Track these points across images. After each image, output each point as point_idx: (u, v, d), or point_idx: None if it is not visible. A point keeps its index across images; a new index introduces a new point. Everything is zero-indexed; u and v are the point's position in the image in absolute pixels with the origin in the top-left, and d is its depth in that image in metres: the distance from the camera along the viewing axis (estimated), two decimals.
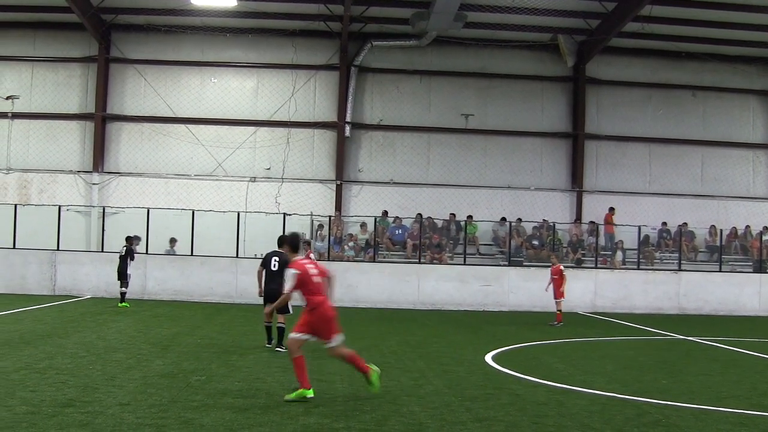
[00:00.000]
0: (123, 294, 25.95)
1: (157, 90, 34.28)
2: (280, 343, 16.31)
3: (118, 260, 26.21)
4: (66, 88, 34.46)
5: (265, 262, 16.91)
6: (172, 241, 31.55)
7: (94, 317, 22.87)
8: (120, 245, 27.01)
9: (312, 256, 19.57)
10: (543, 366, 15.54)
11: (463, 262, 31.42)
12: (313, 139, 34.55)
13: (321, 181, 34.33)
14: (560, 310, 24.42)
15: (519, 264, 31.96)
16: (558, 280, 24.44)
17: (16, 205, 31.54)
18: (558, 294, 24.41)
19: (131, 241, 26.44)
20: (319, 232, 32.27)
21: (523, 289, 30.49)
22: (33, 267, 30.39)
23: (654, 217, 34.51)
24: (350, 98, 34.20)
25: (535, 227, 33.77)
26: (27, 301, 26.62)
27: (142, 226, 30.22)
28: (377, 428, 9.64)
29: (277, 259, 16.54)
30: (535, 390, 12.66)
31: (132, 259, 26.11)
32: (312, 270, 11.29)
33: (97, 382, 12.24)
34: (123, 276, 25.99)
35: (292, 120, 34.28)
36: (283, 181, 34.09)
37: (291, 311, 15.94)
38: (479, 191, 34.62)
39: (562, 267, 24.92)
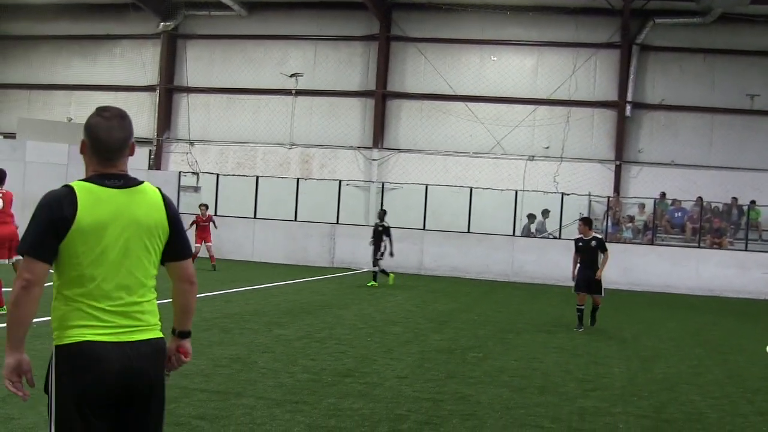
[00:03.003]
0: (374, 272, 26.82)
1: (436, 68, 38.34)
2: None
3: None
4: (348, 65, 39.36)
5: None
6: (531, 217, 34.31)
7: (371, 290, 25.20)
8: (398, 220, 30.08)
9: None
10: None
11: (744, 248, 32.47)
12: (592, 119, 37.39)
13: (600, 161, 37.06)
14: None
15: None
16: None
17: (298, 179, 35.90)
18: None
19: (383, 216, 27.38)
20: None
21: None
22: (314, 239, 34.60)
23: None
24: (631, 77, 36.65)
25: None
26: (307, 272, 29.77)
27: (420, 202, 33.81)
28: (655, 415, 10.08)
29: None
30: None
31: (388, 235, 26.68)
32: None
33: (375, 354, 13.34)
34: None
35: (571, 99, 37.20)
36: (561, 161, 37.12)
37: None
38: (763, 175, 35.88)
39: None
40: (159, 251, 4.47)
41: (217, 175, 35.64)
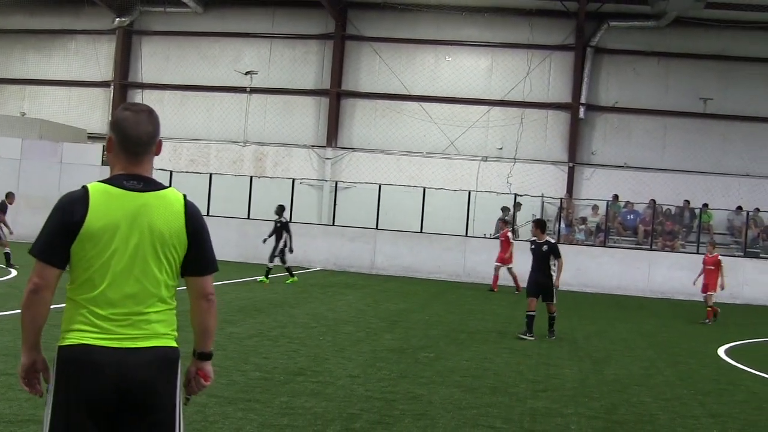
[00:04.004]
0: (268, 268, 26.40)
1: (391, 67, 38.49)
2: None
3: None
4: (303, 64, 39.38)
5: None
6: (505, 210, 33.68)
7: (324, 289, 25.27)
8: (351, 219, 30.60)
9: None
10: None
11: (696, 251, 32.21)
12: (546, 120, 37.72)
13: (553, 162, 37.38)
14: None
15: (755, 255, 33.14)
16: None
17: (251, 177, 35.97)
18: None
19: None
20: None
21: (759, 282, 31.60)
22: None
23: None
24: (585, 79, 37.02)
25: None
26: (260, 270, 28.82)
27: (373, 202, 34.02)
28: (607, 416, 10.24)
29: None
30: None
31: (287, 231, 26.43)
32: None
33: (327, 353, 13.49)
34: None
35: (525, 100, 37.53)
36: (515, 162, 37.37)
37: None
38: (716, 178, 36.30)
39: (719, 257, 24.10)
40: (175, 261, 4.32)
41: (170, 171, 35.39)
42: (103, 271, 4.15)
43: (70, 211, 4.12)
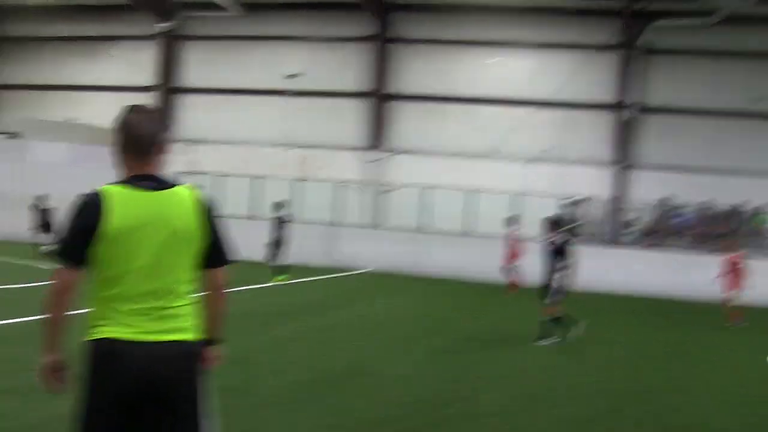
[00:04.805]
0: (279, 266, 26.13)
1: (435, 69, 38.35)
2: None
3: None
4: (345, 66, 39.38)
5: None
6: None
7: (371, 291, 25.54)
8: (396, 221, 30.81)
9: None
10: None
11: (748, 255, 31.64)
12: (593, 121, 37.34)
13: (600, 164, 36.93)
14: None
15: None
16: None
17: (296, 180, 36.24)
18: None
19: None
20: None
21: None
22: (313, 240, 34.60)
23: None
24: (633, 79, 36.68)
25: None
26: (307, 272, 29.82)
27: (418, 203, 34.23)
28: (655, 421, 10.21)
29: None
30: None
31: (286, 228, 26.23)
32: None
33: (376, 354, 13.60)
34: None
35: (572, 101, 37.18)
36: (561, 163, 36.95)
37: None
38: None
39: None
40: (194, 256, 4.46)
41: (216, 175, 35.55)
42: (126, 269, 4.26)
43: (89, 214, 4.24)
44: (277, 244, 26.07)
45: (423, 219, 34.47)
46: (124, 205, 4.26)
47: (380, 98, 38.62)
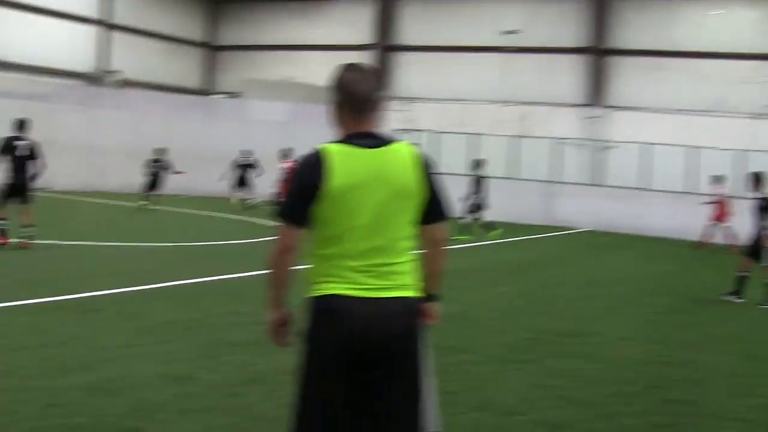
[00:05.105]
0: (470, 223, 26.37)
1: (654, 23, 37.69)
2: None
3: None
4: (562, 22, 39.28)
5: None
6: None
7: (590, 250, 25.44)
8: (616, 179, 30.49)
9: None
10: None
11: None
12: None
13: None
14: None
15: None
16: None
17: (513, 138, 36.27)
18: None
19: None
20: None
21: None
22: (533, 198, 34.99)
23: None
24: None
25: None
26: (526, 230, 30.00)
27: (638, 161, 33.67)
28: None
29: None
30: None
31: (484, 185, 26.49)
32: None
33: (597, 313, 13.43)
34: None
35: None
36: None
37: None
38: None
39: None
40: (414, 212, 4.48)
41: (432, 133, 35.97)
42: (349, 226, 4.33)
43: (310, 174, 4.32)
44: (475, 202, 26.31)
45: (642, 177, 33.87)
46: (345, 163, 4.28)
47: (599, 53, 38.18)
